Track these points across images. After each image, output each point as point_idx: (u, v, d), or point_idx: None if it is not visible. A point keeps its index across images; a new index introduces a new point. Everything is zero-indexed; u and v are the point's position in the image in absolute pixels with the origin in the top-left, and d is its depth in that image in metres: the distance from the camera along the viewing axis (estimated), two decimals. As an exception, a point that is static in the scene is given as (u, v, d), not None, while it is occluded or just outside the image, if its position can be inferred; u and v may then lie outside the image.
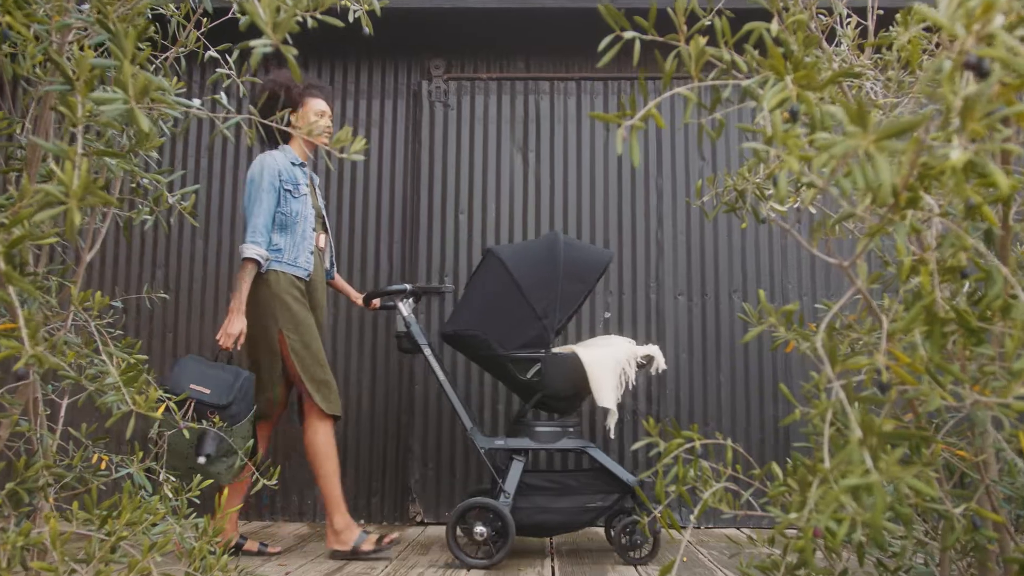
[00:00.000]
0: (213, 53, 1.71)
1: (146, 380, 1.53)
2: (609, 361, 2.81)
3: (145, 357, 1.74)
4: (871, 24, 1.55)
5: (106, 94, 0.92)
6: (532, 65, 3.97)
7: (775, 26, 1.02)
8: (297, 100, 2.94)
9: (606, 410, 2.79)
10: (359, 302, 3.25)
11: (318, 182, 3.14)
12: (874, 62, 1.49)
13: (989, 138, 0.74)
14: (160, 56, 1.71)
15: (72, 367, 1.57)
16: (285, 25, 0.94)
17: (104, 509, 1.46)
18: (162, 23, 1.71)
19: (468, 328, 2.84)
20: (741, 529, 3.56)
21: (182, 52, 1.73)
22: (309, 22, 1.21)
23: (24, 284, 0.95)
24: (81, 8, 1.21)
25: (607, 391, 2.76)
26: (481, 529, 2.63)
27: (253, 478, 2.00)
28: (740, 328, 3.73)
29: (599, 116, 0.93)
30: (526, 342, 2.81)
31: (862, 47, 1.55)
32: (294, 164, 2.93)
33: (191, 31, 1.68)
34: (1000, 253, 1.09)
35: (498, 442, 2.85)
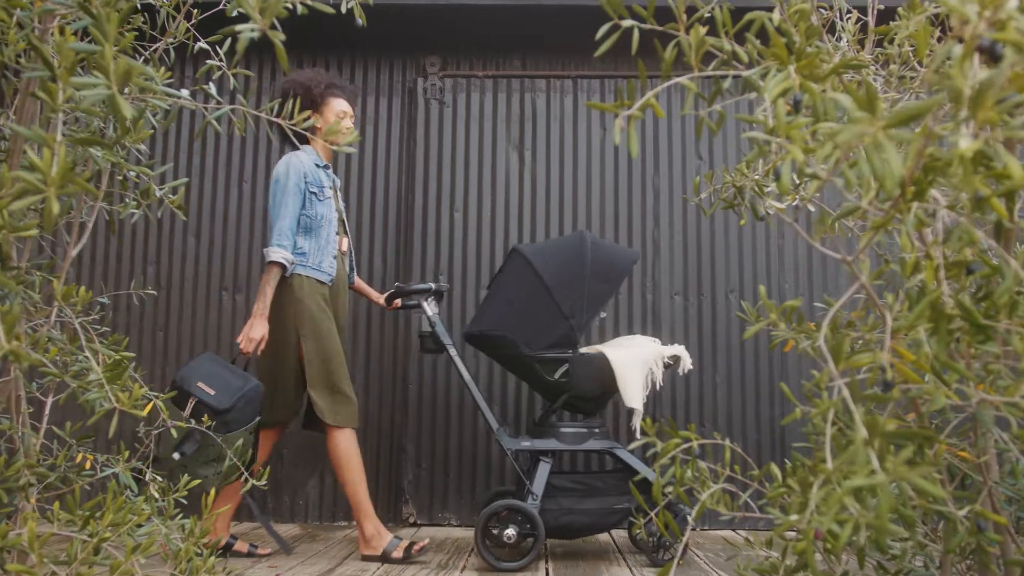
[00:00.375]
0: (203, 44, 1.68)
1: (130, 377, 1.50)
2: (637, 361, 2.80)
3: (132, 354, 1.71)
4: (871, 20, 1.53)
5: (86, 79, 0.89)
6: (528, 63, 3.95)
7: (777, 16, 1.00)
8: (318, 100, 2.88)
9: (631, 410, 2.77)
10: (381, 302, 3.18)
11: (339, 184, 3.08)
12: (875, 57, 1.46)
13: (1000, 127, 0.72)
14: (150, 48, 1.67)
15: (58, 364, 1.54)
16: (272, 10, 0.92)
17: (87, 510, 1.43)
18: (151, 14, 1.68)
19: (494, 328, 2.81)
20: (737, 531, 3.53)
21: (171, 43, 1.70)
22: (299, 8, 1.18)
23: (1, 277, 0.92)
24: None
25: (635, 392, 2.75)
26: (511, 531, 2.60)
27: (243, 479, 1.97)
28: (737, 328, 3.71)
29: (596, 106, 0.90)
30: (553, 342, 2.78)
31: (862, 42, 1.52)
32: (318, 166, 2.87)
33: (181, 21, 1.65)
34: (1004, 249, 1.07)
35: (524, 443, 2.82)
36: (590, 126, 3.87)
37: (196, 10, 1.71)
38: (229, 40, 1.66)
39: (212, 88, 1.41)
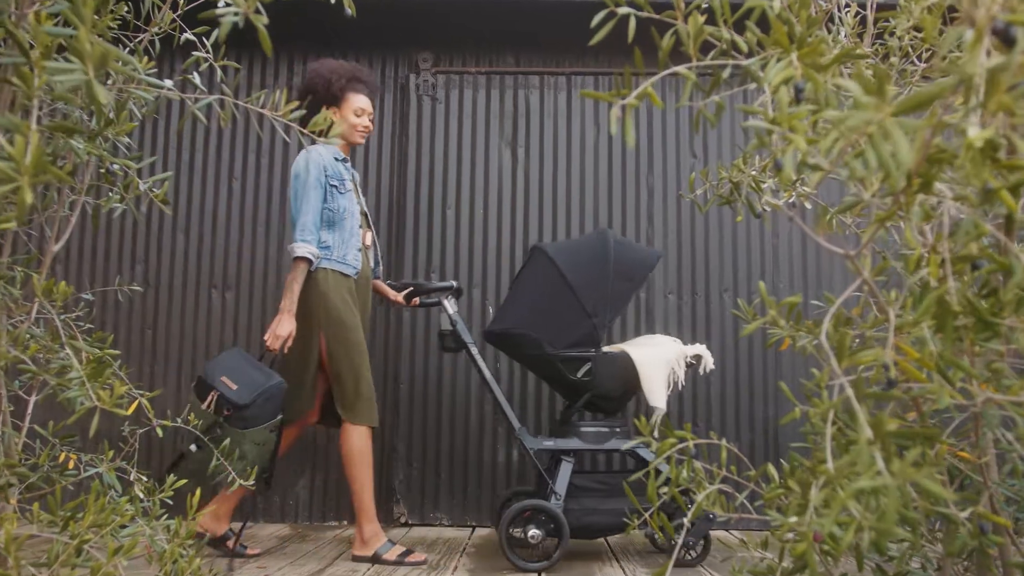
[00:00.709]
0: (190, 36, 1.64)
1: (114, 375, 1.47)
2: (660, 361, 2.79)
3: (117, 352, 1.67)
4: (870, 13, 1.50)
5: (62, 64, 0.85)
6: (522, 59, 3.91)
7: (777, 3, 0.97)
8: (338, 95, 2.83)
9: (653, 409, 2.76)
10: (399, 300, 3.11)
11: (358, 179, 3.03)
12: (874, 50, 1.44)
13: (1009, 115, 0.69)
14: (135, 39, 1.64)
15: (40, 362, 1.50)
16: (256, -7, 0.88)
17: (68, 510, 1.39)
18: (136, 4, 1.64)
19: (517, 327, 2.78)
20: (731, 532, 3.51)
21: (157, 34, 1.66)
22: (284, -6, 1.14)
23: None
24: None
25: (659, 391, 2.74)
26: (535, 532, 2.57)
27: (229, 479, 1.93)
28: (731, 327, 3.69)
29: (592, 95, 0.87)
30: (576, 341, 2.75)
31: (861, 36, 1.50)
32: (337, 159, 2.83)
33: (166, 12, 1.61)
34: (1004, 245, 1.04)
35: (547, 443, 2.79)
36: (584, 123, 3.84)
37: (182, 0, 1.67)
38: (216, 32, 1.63)
39: (196, 78, 1.37)
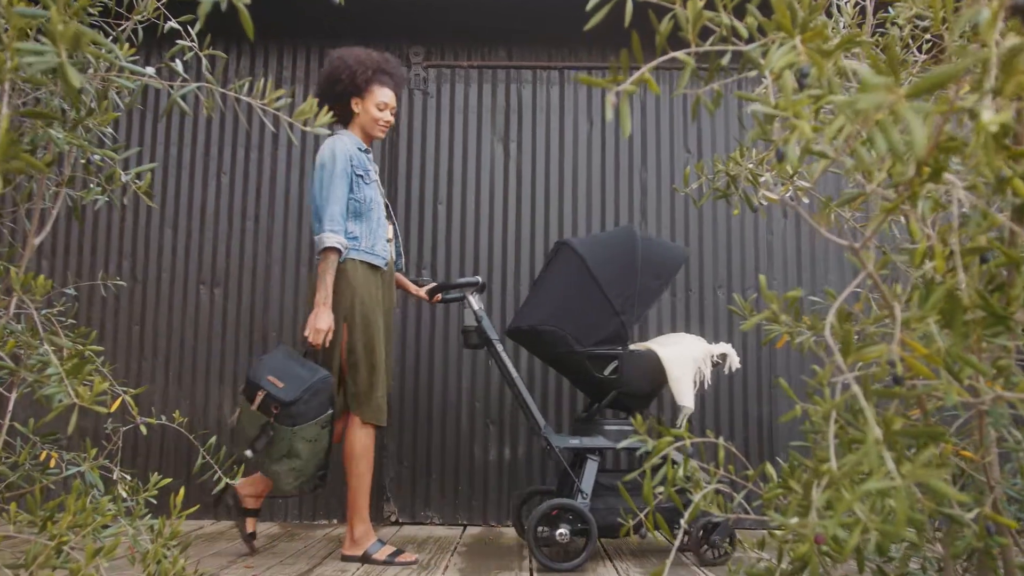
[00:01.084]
0: (174, 24, 1.60)
1: (96, 371, 1.43)
2: (687, 359, 2.77)
3: (100, 348, 1.63)
4: (869, 3, 1.48)
5: (34, 45, 0.81)
6: (514, 53, 3.87)
7: (779, -12, 0.94)
8: (362, 87, 2.75)
9: (681, 408, 2.74)
10: (421, 294, 3.06)
11: (377, 170, 2.95)
12: (875, 42, 1.41)
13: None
14: (118, 27, 1.60)
15: (21, 358, 1.46)
16: (237, -28, 0.85)
17: (48, 510, 1.35)
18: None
19: (545, 323, 2.74)
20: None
21: (140, 23, 1.62)
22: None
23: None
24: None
25: (686, 389, 2.72)
26: (563, 531, 2.53)
27: (215, 477, 1.89)
28: (725, 324, 3.66)
29: (588, 80, 0.84)
30: (604, 338, 2.72)
31: (860, 27, 1.47)
32: (360, 149, 2.77)
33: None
34: (1010, 239, 1.02)
35: (573, 441, 2.76)
36: (576, 118, 3.81)
37: (167, -12, 1.63)
38: (201, 20, 1.59)
39: (179, 65, 1.33)
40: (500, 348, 2.85)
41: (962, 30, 0.61)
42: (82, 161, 1.47)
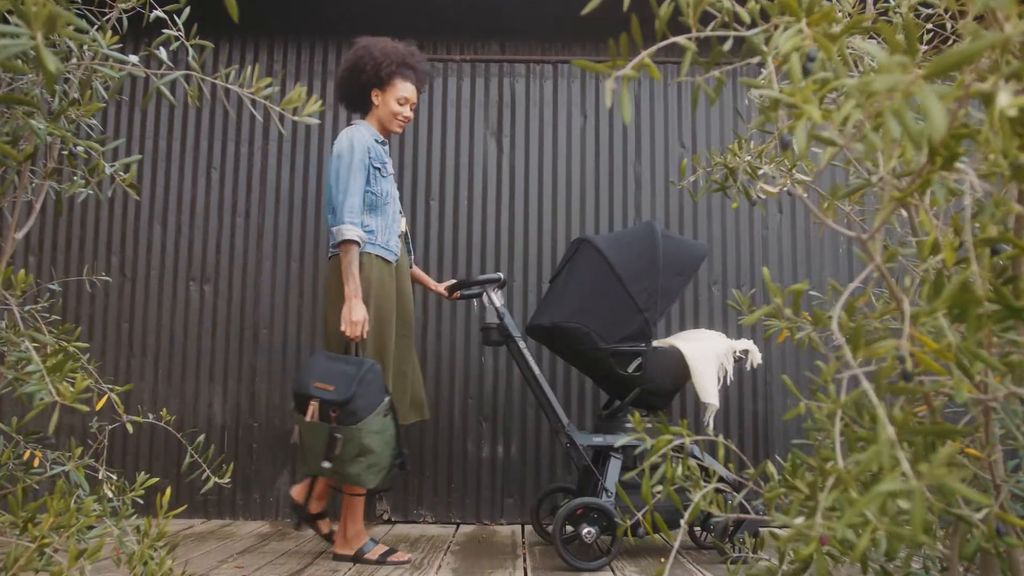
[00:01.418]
0: (159, 13, 1.56)
1: (81, 368, 1.39)
2: (710, 355, 2.76)
3: (85, 345, 1.59)
4: (869, -4, 1.45)
5: (8, 27, 0.78)
6: (507, 47, 3.84)
7: (782, -29, 0.91)
8: (385, 80, 2.70)
9: (705, 405, 2.73)
10: (440, 290, 3.03)
11: (392, 164, 2.90)
12: (878, 27, 1.38)
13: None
14: (102, 16, 1.55)
15: (4, 355, 1.42)
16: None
17: (30, 511, 1.32)
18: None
19: (569, 320, 2.71)
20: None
21: (125, 11, 1.58)
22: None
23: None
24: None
25: (710, 386, 2.72)
26: (590, 530, 2.51)
27: (204, 476, 1.86)
28: (720, 321, 3.64)
29: (585, 65, 0.81)
30: (627, 335, 2.70)
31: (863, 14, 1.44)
32: (377, 141, 2.72)
33: (134, -13, 1.53)
34: (1016, 230, 0.99)
35: (596, 439, 2.74)
36: (570, 113, 3.77)
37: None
38: (188, 9, 1.55)
39: (162, 53, 1.30)
40: (523, 345, 2.82)
41: (979, 11, 0.59)
42: (64, 152, 1.43)
